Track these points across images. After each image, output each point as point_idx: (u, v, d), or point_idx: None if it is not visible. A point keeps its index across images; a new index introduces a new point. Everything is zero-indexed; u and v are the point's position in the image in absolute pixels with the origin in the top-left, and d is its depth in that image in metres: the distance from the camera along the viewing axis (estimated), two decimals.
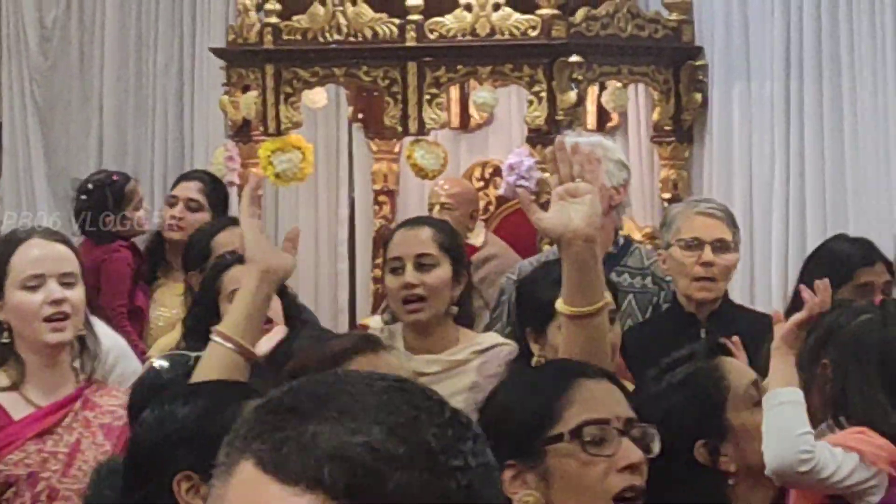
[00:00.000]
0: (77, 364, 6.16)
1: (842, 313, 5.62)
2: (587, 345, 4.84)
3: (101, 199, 10.48)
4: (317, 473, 1.79)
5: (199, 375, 5.10)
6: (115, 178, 10.46)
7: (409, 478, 1.79)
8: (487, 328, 7.72)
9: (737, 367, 5.02)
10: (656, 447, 4.07)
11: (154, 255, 10.02)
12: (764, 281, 10.96)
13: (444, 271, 6.77)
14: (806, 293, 5.63)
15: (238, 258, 7.59)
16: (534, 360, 6.06)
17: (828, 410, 5.43)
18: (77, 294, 6.07)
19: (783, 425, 5.19)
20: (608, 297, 5.69)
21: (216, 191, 10.65)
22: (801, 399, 5.44)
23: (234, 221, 8.76)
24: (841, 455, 5.20)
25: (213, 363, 5.10)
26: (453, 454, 1.82)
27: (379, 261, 10.49)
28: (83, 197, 10.36)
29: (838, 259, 7.41)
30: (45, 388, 6.03)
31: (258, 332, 5.35)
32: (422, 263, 6.52)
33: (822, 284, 5.83)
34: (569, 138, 8.73)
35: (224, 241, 8.38)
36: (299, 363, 5.27)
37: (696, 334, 7.16)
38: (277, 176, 10.90)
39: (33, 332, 6.10)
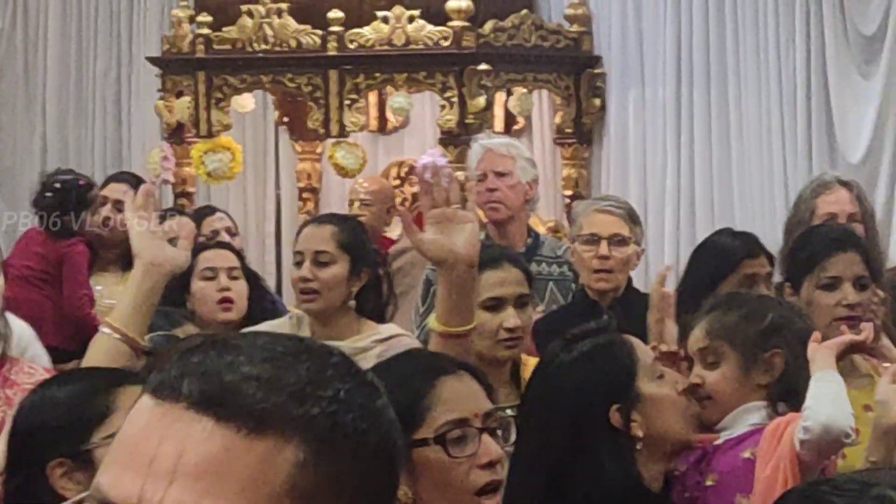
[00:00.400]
0: None
1: (790, 307, 5.54)
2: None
3: (65, 199, 10.20)
4: (179, 385, 1.81)
5: (86, 363, 4.99)
6: (80, 182, 10.20)
7: (266, 396, 1.80)
8: (422, 317, 7.60)
9: (640, 343, 5.01)
10: (513, 436, 4.13)
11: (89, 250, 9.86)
12: (657, 268, 9.88)
13: (339, 268, 6.71)
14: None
15: (213, 243, 8.08)
16: None
17: (770, 395, 5.23)
18: None
19: (841, 395, 5.11)
20: (524, 289, 6.04)
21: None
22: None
23: (180, 212, 8.90)
24: None
25: (100, 352, 4.98)
26: (323, 386, 1.83)
27: None
28: (48, 194, 10.15)
29: (724, 251, 7.20)
30: None
31: (145, 323, 5.23)
32: (319, 260, 6.49)
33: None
34: (481, 142, 9.26)
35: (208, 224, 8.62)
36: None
37: (597, 314, 6.86)
38: (209, 174, 11.07)
39: None
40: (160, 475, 1.77)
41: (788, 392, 5.19)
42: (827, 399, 5.03)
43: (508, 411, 5.29)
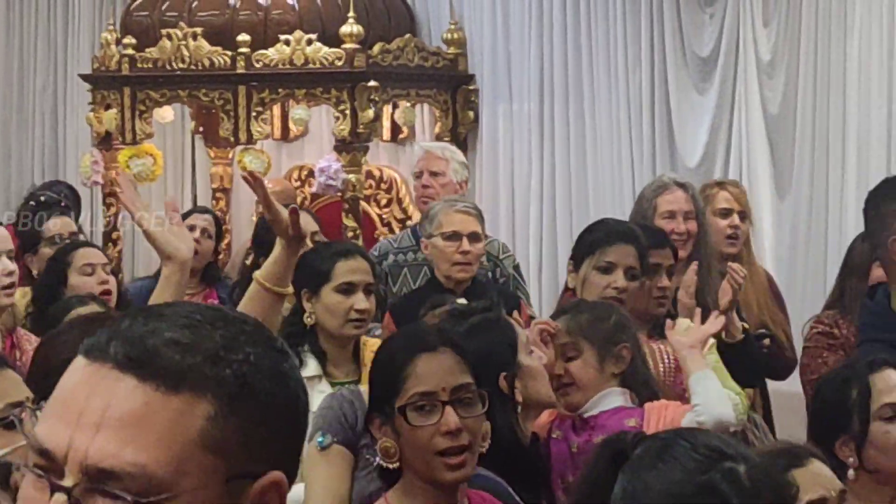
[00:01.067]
0: None
1: (620, 309, 5.59)
2: (264, 312, 4.76)
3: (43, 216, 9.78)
4: (107, 348, 1.84)
5: None
6: (63, 203, 9.89)
7: (183, 358, 1.82)
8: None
9: (516, 321, 5.23)
10: (484, 405, 4.12)
11: None
12: (524, 262, 10.53)
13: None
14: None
15: (82, 242, 8.13)
16: (305, 316, 5.94)
17: (624, 382, 5.38)
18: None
19: (722, 391, 5.37)
20: (371, 278, 6.13)
21: (70, 196, 10.68)
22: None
23: (62, 212, 8.97)
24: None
25: None
26: (235, 350, 1.85)
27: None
28: (31, 203, 9.80)
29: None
30: None
31: None
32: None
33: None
34: (422, 144, 9.50)
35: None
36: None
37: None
38: (135, 177, 10.74)
39: None
40: (87, 426, 1.80)
41: (633, 379, 5.36)
42: (714, 397, 5.28)
43: (350, 386, 5.55)
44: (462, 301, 6.79)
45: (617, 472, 3.07)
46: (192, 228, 7.91)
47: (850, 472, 4.49)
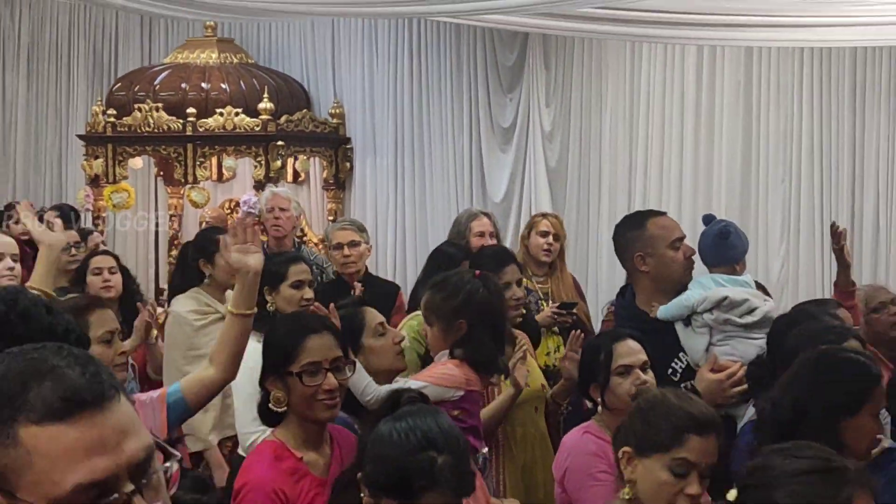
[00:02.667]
0: None
1: (465, 282, 5.09)
2: (240, 336, 4.37)
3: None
4: (74, 402, 1.69)
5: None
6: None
7: (106, 380, 1.71)
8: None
9: (371, 311, 4.89)
10: (349, 371, 4.02)
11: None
12: (382, 268, 11.18)
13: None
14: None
15: (101, 251, 7.68)
16: (268, 306, 5.74)
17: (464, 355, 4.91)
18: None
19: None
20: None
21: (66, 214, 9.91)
22: None
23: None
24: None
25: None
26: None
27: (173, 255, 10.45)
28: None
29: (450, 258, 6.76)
30: None
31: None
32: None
33: None
34: (270, 188, 9.49)
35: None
36: None
37: (349, 292, 7.19)
38: (114, 206, 11.15)
39: None
40: (113, 445, 1.70)
41: (466, 345, 4.91)
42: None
43: None
44: (359, 286, 7.26)
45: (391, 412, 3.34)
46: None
47: (599, 409, 4.51)
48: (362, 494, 3.32)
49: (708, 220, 5.54)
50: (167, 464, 1.80)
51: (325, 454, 3.96)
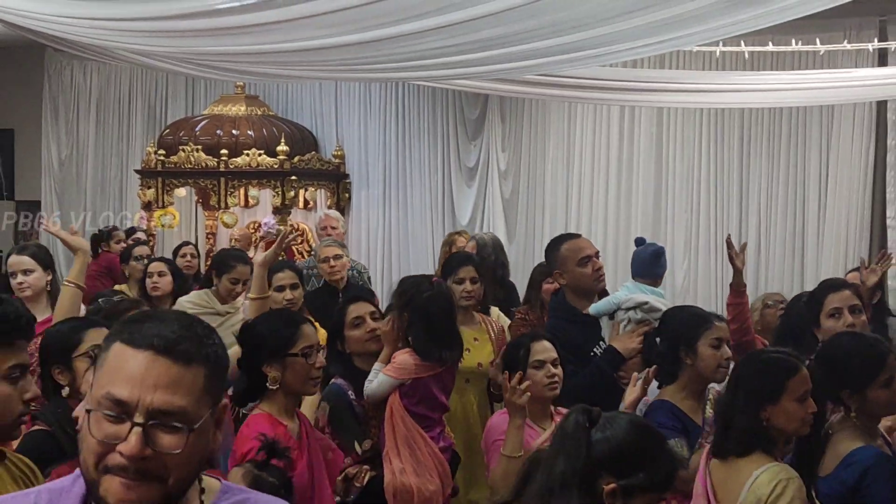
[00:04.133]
0: None
1: (417, 285, 4.82)
2: (262, 310, 4.42)
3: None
4: (145, 341, 1.78)
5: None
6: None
7: (189, 345, 1.79)
8: None
9: (354, 306, 4.71)
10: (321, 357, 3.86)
11: None
12: (373, 275, 10.64)
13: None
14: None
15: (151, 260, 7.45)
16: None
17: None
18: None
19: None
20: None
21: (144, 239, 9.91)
22: None
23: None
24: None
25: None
26: (208, 339, 1.82)
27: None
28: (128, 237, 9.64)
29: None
30: None
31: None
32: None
33: None
34: (324, 211, 9.59)
35: (137, 251, 8.13)
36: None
37: (337, 295, 6.88)
38: (163, 226, 11.08)
39: None
40: (148, 388, 1.76)
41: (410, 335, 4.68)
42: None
43: None
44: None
45: None
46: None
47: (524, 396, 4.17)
48: None
49: (640, 241, 5.46)
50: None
51: (296, 422, 3.86)
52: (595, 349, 4.91)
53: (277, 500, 2.01)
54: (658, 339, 4.53)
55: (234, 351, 3.93)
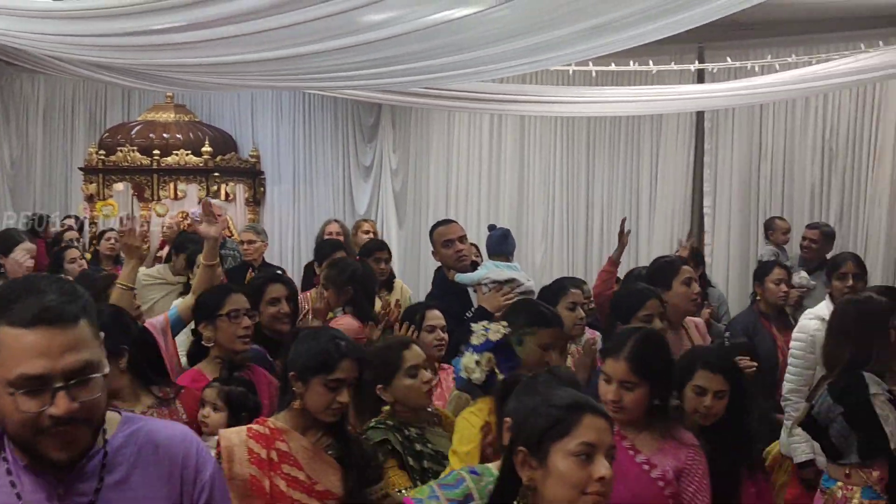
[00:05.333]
0: None
1: (352, 265, 4.78)
2: (209, 279, 4.07)
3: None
4: (38, 316, 1.64)
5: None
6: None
7: (69, 304, 1.67)
8: None
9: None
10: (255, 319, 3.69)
11: None
12: (286, 257, 10.90)
13: None
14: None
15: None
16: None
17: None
18: None
19: None
20: None
21: (79, 222, 9.88)
22: None
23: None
24: None
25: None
26: (76, 292, 1.70)
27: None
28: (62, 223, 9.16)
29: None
30: None
31: None
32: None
33: None
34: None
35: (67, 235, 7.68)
36: None
37: (247, 271, 6.64)
38: (104, 215, 10.69)
39: None
40: (57, 355, 1.66)
41: (354, 304, 4.60)
42: None
43: None
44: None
45: None
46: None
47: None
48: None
49: (491, 227, 5.54)
50: None
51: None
52: (468, 314, 4.95)
53: (171, 423, 1.92)
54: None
55: (183, 303, 3.94)
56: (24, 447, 1.68)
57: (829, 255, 6.62)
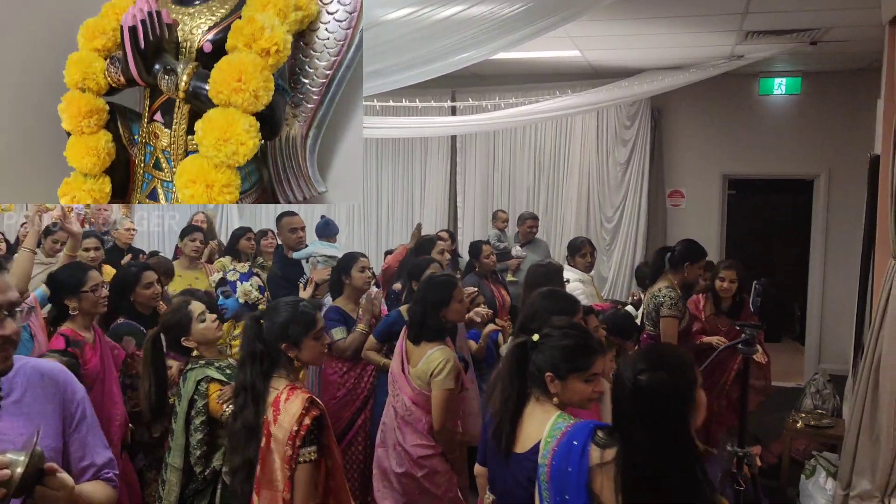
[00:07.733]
0: None
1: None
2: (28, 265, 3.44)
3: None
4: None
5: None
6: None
7: (2, 259, 1.52)
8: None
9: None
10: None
11: None
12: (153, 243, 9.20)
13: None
14: None
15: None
16: None
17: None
18: None
19: None
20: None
21: None
22: None
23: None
24: None
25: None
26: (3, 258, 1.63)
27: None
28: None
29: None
30: None
31: None
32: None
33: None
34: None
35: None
36: None
37: (122, 255, 5.62)
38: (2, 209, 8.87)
39: None
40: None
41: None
42: None
43: None
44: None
45: None
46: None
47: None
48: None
49: (321, 218, 5.54)
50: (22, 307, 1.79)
51: (91, 333, 3.45)
52: (300, 281, 4.78)
53: (50, 361, 1.92)
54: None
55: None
56: None
57: (537, 237, 7.10)
